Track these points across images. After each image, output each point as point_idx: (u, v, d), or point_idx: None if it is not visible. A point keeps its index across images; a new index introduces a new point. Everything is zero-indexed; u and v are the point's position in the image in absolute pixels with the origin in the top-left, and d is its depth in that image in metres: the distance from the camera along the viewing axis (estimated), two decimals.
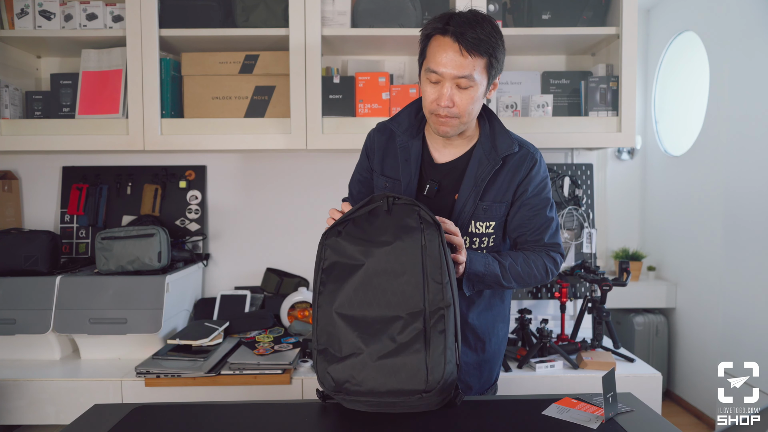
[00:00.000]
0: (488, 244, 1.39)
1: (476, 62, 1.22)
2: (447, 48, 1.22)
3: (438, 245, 1.13)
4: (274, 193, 2.30)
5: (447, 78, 1.23)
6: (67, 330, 1.83)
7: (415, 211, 1.16)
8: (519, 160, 1.36)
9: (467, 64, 1.22)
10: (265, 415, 1.18)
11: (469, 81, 1.23)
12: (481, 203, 1.34)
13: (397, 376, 1.08)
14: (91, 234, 2.22)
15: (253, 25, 1.99)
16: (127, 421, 1.15)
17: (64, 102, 2.07)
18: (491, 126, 1.37)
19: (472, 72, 1.22)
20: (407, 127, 1.39)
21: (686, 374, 3.47)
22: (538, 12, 2.03)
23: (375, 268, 1.13)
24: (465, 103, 1.25)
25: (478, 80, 1.24)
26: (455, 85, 1.24)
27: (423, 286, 1.12)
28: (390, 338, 1.10)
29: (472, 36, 1.21)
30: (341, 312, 1.14)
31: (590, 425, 1.10)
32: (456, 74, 1.22)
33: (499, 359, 1.51)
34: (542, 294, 2.21)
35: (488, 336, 1.44)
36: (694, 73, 3.42)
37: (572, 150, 2.27)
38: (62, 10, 2.00)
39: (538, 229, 1.38)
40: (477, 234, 1.37)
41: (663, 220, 3.69)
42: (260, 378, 1.71)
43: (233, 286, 2.28)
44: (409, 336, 1.10)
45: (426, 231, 1.14)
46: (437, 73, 1.24)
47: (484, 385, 1.47)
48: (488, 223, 1.36)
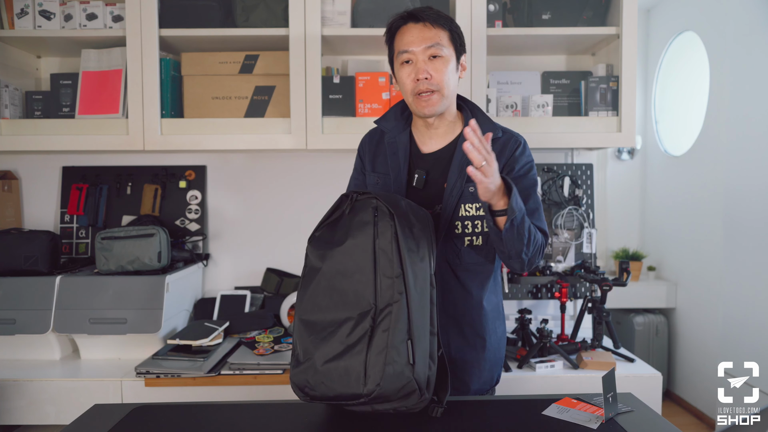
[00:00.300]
0: (483, 230, 1.38)
1: (440, 33, 1.32)
2: (412, 29, 1.33)
3: (391, 236, 1.13)
4: (274, 193, 2.30)
5: (418, 53, 1.32)
6: (67, 330, 1.83)
7: (371, 204, 1.17)
8: (503, 144, 1.39)
9: (433, 34, 1.32)
10: (265, 415, 1.18)
11: (438, 49, 1.31)
12: (467, 185, 1.36)
13: (341, 379, 1.08)
14: (91, 234, 2.22)
15: (253, 25, 1.99)
16: (127, 421, 1.15)
17: (64, 102, 2.07)
18: (474, 116, 1.41)
19: (440, 41, 1.32)
20: (394, 124, 1.45)
21: (686, 374, 3.47)
22: (538, 12, 2.03)
23: (330, 270, 1.15)
24: (440, 73, 1.32)
25: (446, 52, 1.33)
26: (427, 57, 1.32)
27: (374, 283, 1.11)
28: (339, 341, 1.10)
29: (430, 13, 1.33)
30: (303, 318, 1.16)
31: (590, 425, 1.10)
32: (425, 45, 1.31)
33: (500, 359, 1.48)
34: (542, 294, 2.21)
35: (488, 331, 1.42)
36: (694, 73, 3.43)
37: (572, 150, 2.27)
38: (62, 10, 2.00)
39: (528, 211, 1.36)
40: (468, 217, 1.37)
41: (663, 220, 3.69)
42: (260, 378, 1.71)
43: (233, 286, 2.28)
44: (356, 337, 1.10)
45: (379, 223, 1.14)
46: (408, 51, 1.33)
47: (483, 386, 1.44)
48: (477, 204, 1.37)
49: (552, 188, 2.20)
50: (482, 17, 1.95)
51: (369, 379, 1.07)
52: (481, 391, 1.45)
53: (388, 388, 1.07)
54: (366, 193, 1.20)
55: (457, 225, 1.37)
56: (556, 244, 2.22)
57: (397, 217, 1.15)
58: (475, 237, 1.37)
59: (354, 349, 1.09)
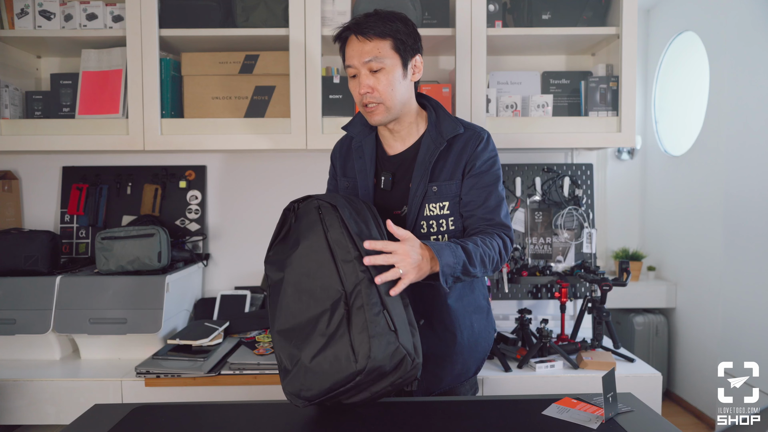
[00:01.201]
0: (448, 228, 1.39)
1: (379, 45, 1.31)
2: (352, 42, 1.34)
3: (339, 225, 1.17)
4: (274, 193, 2.30)
5: (358, 67, 1.33)
6: (67, 330, 1.83)
7: (313, 205, 1.21)
8: (465, 140, 1.40)
9: (369, 48, 1.31)
10: (265, 415, 1.18)
11: (378, 63, 1.31)
12: (430, 185, 1.37)
13: (332, 366, 1.11)
14: (91, 234, 2.22)
15: (253, 25, 1.99)
16: (127, 421, 1.15)
17: (64, 102, 2.07)
18: (437, 115, 1.43)
19: (377, 54, 1.31)
20: (360, 129, 1.47)
21: (686, 374, 3.47)
22: (538, 12, 2.03)
23: (293, 277, 1.18)
24: (383, 86, 1.32)
25: (388, 63, 1.32)
26: (367, 70, 1.33)
27: (337, 272, 1.14)
28: (320, 334, 1.13)
29: (366, 24, 1.31)
30: (280, 329, 1.19)
31: (590, 425, 1.10)
32: (363, 60, 1.32)
33: (476, 352, 1.46)
34: (542, 294, 2.22)
35: (459, 327, 1.42)
36: (694, 73, 3.42)
37: (572, 150, 2.27)
38: (62, 10, 2.00)
39: (489, 207, 1.38)
40: (433, 216, 1.38)
41: (663, 220, 3.69)
42: (260, 378, 1.71)
43: (233, 286, 2.28)
44: (335, 324, 1.12)
45: (326, 218, 1.18)
46: (351, 66, 1.34)
47: (457, 378, 1.45)
48: (441, 203, 1.38)
49: (552, 188, 2.20)
50: (482, 17, 1.95)
51: (359, 356, 1.09)
52: (455, 384, 1.45)
53: (378, 358, 1.09)
54: (305, 199, 1.25)
55: (423, 225, 1.38)
56: (556, 244, 2.22)
57: (339, 207, 1.19)
58: (440, 236, 1.39)
59: (336, 335, 1.12)
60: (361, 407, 1.17)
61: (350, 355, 1.09)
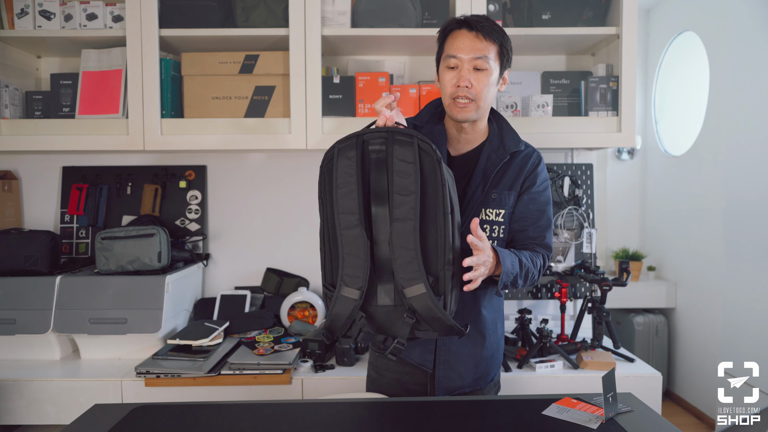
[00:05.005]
0: (498, 234, 1.43)
1: (490, 47, 1.35)
2: (464, 36, 1.36)
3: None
4: (274, 193, 2.30)
5: (465, 61, 1.35)
6: (67, 330, 1.83)
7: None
8: (525, 157, 1.46)
9: (482, 47, 1.34)
10: (265, 415, 1.19)
11: (485, 63, 1.35)
12: (491, 191, 1.42)
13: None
14: (91, 234, 2.22)
15: (253, 25, 1.99)
16: (127, 421, 1.15)
17: (64, 102, 2.06)
18: (500, 126, 1.47)
19: (488, 54, 1.35)
20: (429, 119, 1.49)
21: (686, 374, 3.47)
22: (538, 12, 2.03)
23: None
24: (481, 85, 1.35)
25: (492, 65, 1.36)
26: (472, 67, 1.35)
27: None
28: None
29: (485, 24, 1.36)
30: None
31: (590, 425, 1.10)
32: (473, 56, 1.34)
33: (498, 358, 1.52)
34: (542, 294, 2.21)
35: (488, 331, 1.47)
36: (694, 73, 3.42)
37: (572, 150, 2.27)
38: (62, 10, 2.00)
39: (540, 227, 1.45)
40: (488, 221, 1.43)
41: (663, 220, 3.69)
42: (260, 378, 1.71)
43: (233, 286, 2.28)
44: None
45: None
46: (456, 57, 1.35)
47: (478, 381, 1.47)
48: (498, 211, 1.42)
49: (552, 188, 2.20)
50: None
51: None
52: (476, 387, 1.47)
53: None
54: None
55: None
56: (556, 244, 2.21)
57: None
58: (491, 241, 1.39)
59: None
60: (361, 407, 1.17)
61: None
